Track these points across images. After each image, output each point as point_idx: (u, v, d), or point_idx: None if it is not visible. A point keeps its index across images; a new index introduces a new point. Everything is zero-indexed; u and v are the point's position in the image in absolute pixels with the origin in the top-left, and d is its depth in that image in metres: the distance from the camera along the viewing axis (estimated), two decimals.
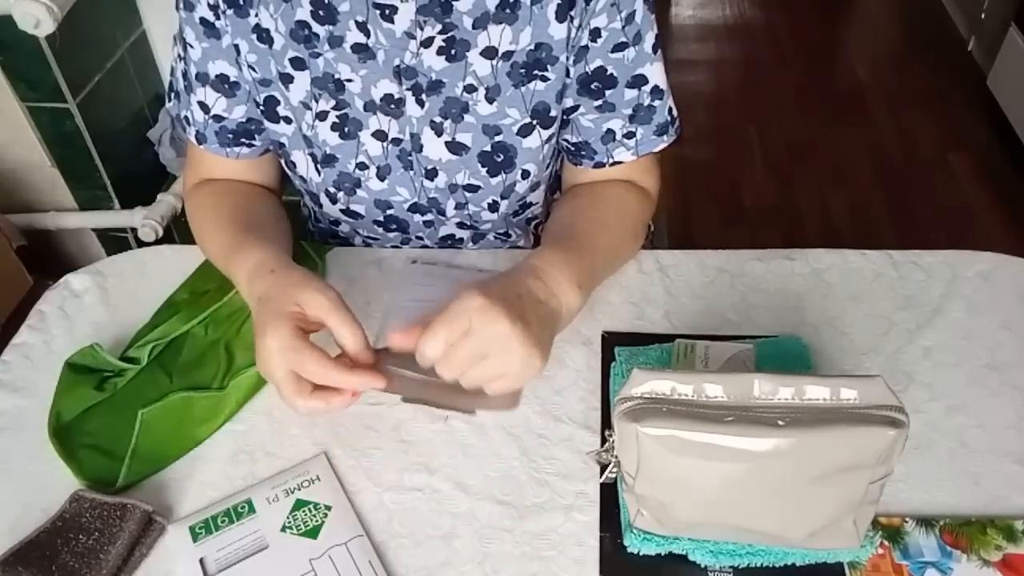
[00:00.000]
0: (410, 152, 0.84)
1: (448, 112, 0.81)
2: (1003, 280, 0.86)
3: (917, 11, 3.13)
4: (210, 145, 0.87)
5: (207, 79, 0.83)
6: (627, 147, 0.84)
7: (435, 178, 0.85)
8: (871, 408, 0.56)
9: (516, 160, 0.84)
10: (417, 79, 0.79)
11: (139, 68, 1.85)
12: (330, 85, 0.80)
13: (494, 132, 0.82)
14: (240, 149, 0.88)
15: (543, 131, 0.83)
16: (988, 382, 0.76)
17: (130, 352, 0.81)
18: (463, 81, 0.79)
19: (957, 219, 2.22)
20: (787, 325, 0.82)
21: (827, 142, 2.52)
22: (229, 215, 0.85)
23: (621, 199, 0.87)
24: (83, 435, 0.75)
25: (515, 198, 0.89)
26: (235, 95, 0.84)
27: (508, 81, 0.79)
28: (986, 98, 2.48)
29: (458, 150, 0.83)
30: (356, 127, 0.83)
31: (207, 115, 0.85)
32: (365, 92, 0.80)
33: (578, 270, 0.74)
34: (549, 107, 0.81)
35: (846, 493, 0.58)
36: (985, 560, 0.63)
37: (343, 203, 0.89)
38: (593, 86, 0.80)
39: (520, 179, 0.86)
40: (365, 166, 0.85)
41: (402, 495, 0.70)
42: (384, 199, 0.88)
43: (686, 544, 0.64)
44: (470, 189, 0.86)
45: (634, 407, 0.58)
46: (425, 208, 0.89)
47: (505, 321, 0.64)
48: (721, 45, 3.03)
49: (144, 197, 1.85)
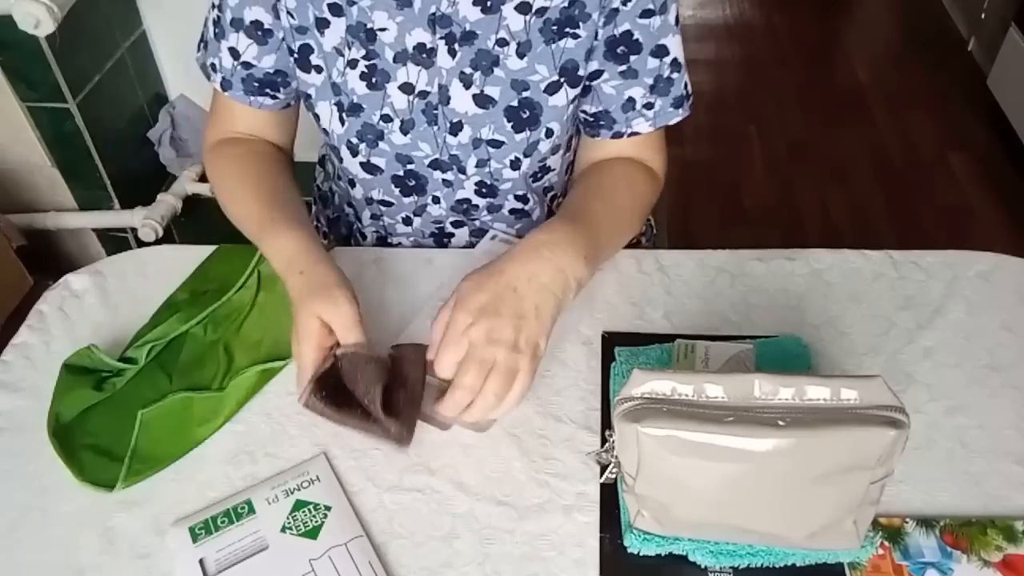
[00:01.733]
0: (436, 106, 0.85)
1: (479, 64, 0.82)
2: (1003, 280, 0.86)
3: (917, 11, 3.14)
4: (235, 92, 0.89)
5: (242, 24, 0.84)
6: (646, 118, 0.86)
7: (459, 133, 0.86)
8: (871, 408, 0.56)
9: (541, 118, 0.85)
10: (451, 28, 0.80)
11: (139, 68, 1.85)
12: (361, 34, 0.82)
13: (522, 87, 0.83)
14: (264, 99, 0.89)
15: (570, 90, 0.84)
16: (988, 382, 0.76)
17: (129, 352, 0.81)
18: (496, 34, 0.80)
19: (957, 219, 2.23)
20: (787, 325, 0.82)
21: (827, 142, 2.53)
22: (255, 185, 0.87)
23: (631, 178, 0.89)
24: (83, 435, 0.75)
25: (537, 157, 0.89)
26: (267, 43, 0.85)
27: (540, 37, 0.81)
28: (986, 98, 2.48)
29: (485, 103, 0.84)
30: (384, 78, 0.84)
31: (236, 61, 0.87)
32: (399, 41, 0.82)
33: (584, 243, 0.75)
34: (578, 65, 0.83)
35: (846, 493, 0.58)
36: (985, 561, 0.63)
37: (364, 155, 0.90)
38: (619, 50, 0.82)
39: (544, 137, 0.87)
40: (389, 118, 0.87)
41: (402, 495, 0.70)
42: (406, 153, 0.89)
43: (686, 545, 0.64)
44: (494, 144, 0.87)
45: (634, 407, 0.58)
46: (446, 165, 0.90)
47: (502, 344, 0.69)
48: (721, 45, 3.03)
49: (144, 197, 1.85)
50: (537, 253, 0.73)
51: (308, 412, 0.74)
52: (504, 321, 0.69)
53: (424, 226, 0.97)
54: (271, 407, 0.77)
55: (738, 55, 2.98)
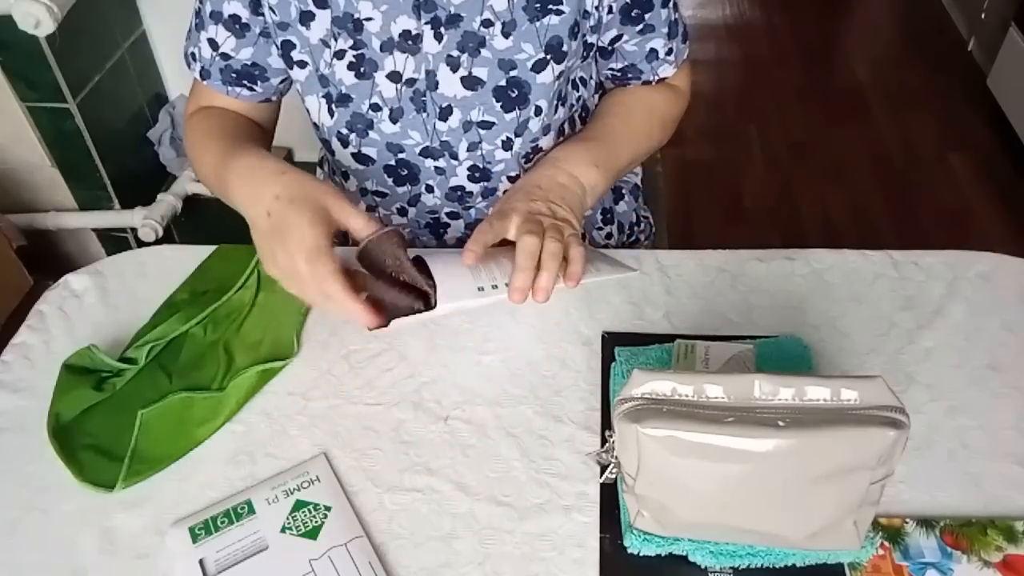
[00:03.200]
0: (424, 92, 0.86)
1: (465, 46, 0.83)
2: (1003, 280, 0.86)
3: (917, 11, 3.13)
4: (213, 82, 0.90)
5: (220, 17, 0.86)
6: (669, 63, 0.93)
7: (449, 117, 0.87)
8: (872, 409, 0.56)
9: (530, 96, 0.86)
10: (436, 13, 0.81)
11: (139, 68, 1.85)
12: (349, 25, 0.82)
13: (509, 67, 0.84)
14: (240, 90, 0.91)
15: (556, 66, 0.85)
16: (989, 383, 0.76)
17: (128, 352, 0.81)
18: (480, 16, 0.81)
19: (957, 219, 2.22)
20: (787, 325, 0.82)
21: (827, 142, 2.52)
22: (220, 130, 0.89)
23: (647, 95, 0.95)
24: (83, 435, 0.75)
25: (528, 136, 0.90)
26: (244, 36, 0.87)
27: (523, 16, 0.81)
28: (986, 98, 2.48)
29: (473, 85, 0.85)
30: (372, 67, 0.85)
31: (215, 52, 0.88)
32: (384, 30, 0.82)
33: (595, 152, 0.86)
34: (562, 41, 0.83)
35: (846, 494, 0.58)
36: (985, 561, 0.63)
37: (355, 146, 0.91)
38: (633, 13, 0.87)
39: (533, 115, 0.88)
40: (378, 107, 0.87)
41: (402, 496, 0.70)
42: (396, 142, 0.90)
43: (686, 545, 0.64)
44: (484, 126, 0.88)
45: (634, 408, 0.58)
46: (437, 152, 0.90)
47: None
48: (721, 45, 3.03)
49: (144, 197, 1.85)
50: (552, 163, 0.84)
51: (308, 411, 0.73)
52: (538, 204, 0.79)
53: (419, 216, 0.97)
54: (271, 407, 0.77)
55: (738, 55, 2.98)
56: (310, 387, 0.79)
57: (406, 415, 0.76)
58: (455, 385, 0.78)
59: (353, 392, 0.78)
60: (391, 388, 0.78)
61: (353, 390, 0.78)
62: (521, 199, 0.79)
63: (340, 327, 0.84)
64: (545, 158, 0.86)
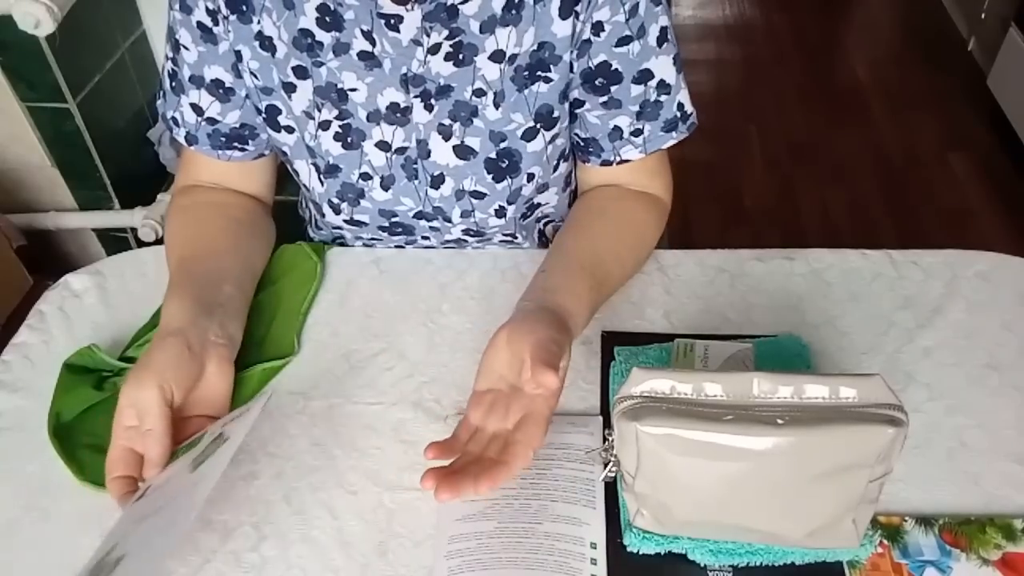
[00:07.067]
0: (415, 160, 0.83)
1: (457, 115, 0.80)
2: (1003, 280, 0.86)
3: (917, 11, 3.13)
4: (201, 147, 0.86)
5: (202, 83, 0.82)
6: (635, 145, 0.83)
7: (441, 186, 0.85)
8: (870, 407, 0.56)
9: (521, 165, 0.84)
10: (425, 86, 0.79)
11: (139, 68, 1.85)
12: (333, 95, 0.80)
13: (499, 139, 0.82)
14: (232, 152, 0.87)
15: (547, 133, 0.83)
16: (988, 382, 0.76)
17: (129, 352, 0.81)
18: (472, 86, 0.79)
19: (957, 219, 2.22)
20: (787, 325, 0.82)
21: (827, 142, 2.52)
22: (185, 245, 0.84)
23: (621, 218, 0.85)
24: (83, 435, 0.75)
25: (522, 202, 0.88)
26: (230, 100, 0.83)
27: (512, 86, 0.79)
28: (986, 98, 2.48)
29: (466, 154, 0.83)
30: (359, 137, 0.82)
31: (200, 117, 0.84)
32: (370, 101, 0.80)
33: (593, 302, 0.76)
34: (552, 108, 0.81)
35: (845, 492, 0.58)
36: (984, 559, 0.63)
37: (347, 214, 0.89)
38: (598, 82, 0.79)
39: (526, 183, 0.86)
40: (368, 176, 0.85)
41: (402, 495, 0.70)
42: (388, 208, 0.88)
43: (685, 543, 0.64)
44: (476, 196, 0.86)
45: (634, 406, 0.58)
46: (431, 216, 0.88)
47: None
48: (721, 45, 3.03)
49: (144, 197, 1.85)
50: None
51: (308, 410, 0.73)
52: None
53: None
54: (271, 407, 0.77)
55: (738, 55, 2.98)
56: (310, 386, 0.79)
57: (406, 415, 0.76)
58: (455, 385, 0.78)
59: (353, 392, 0.78)
60: (391, 388, 0.78)
61: (353, 390, 0.78)
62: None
63: (340, 327, 0.84)
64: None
